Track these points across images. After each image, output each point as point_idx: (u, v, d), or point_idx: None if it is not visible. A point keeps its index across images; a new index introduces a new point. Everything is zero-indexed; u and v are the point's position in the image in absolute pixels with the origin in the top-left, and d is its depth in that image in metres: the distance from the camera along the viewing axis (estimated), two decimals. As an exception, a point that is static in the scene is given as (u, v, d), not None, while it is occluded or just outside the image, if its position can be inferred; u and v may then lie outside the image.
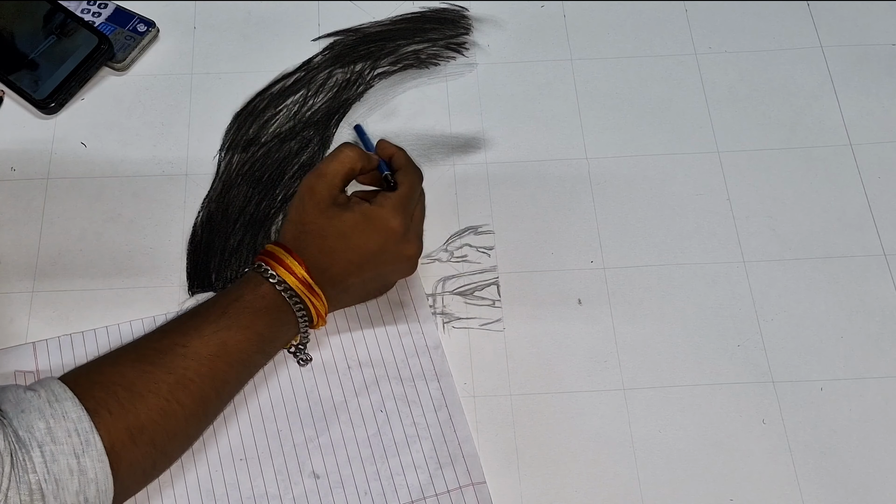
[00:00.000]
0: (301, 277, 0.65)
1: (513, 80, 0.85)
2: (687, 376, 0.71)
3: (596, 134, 0.82)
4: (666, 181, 0.80)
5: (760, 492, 0.67)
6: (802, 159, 0.81)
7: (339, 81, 0.85)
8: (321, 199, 0.66)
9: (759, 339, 0.73)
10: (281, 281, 0.65)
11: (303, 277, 0.65)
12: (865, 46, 0.87)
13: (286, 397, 0.69)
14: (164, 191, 0.79)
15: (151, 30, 0.85)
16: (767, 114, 0.84)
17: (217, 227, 0.77)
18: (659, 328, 0.73)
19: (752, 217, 0.78)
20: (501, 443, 0.69)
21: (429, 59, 0.86)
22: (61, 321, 0.72)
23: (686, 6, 0.90)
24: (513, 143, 0.82)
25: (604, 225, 0.78)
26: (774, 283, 0.75)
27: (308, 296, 0.65)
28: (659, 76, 0.86)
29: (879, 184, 0.80)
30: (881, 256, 0.77)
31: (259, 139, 0.81)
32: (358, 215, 0.66)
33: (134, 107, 0.83)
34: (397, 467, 0.67)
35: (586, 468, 0.68)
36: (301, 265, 0.65)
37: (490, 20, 0.88)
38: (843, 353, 0.73)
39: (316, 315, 0.67)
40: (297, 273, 0.65)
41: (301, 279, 0.65)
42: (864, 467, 0.68)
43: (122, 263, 0.75)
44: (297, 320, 0.66)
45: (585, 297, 0.74)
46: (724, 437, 0.69)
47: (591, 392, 0.71)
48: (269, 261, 0.66)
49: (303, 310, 0.66)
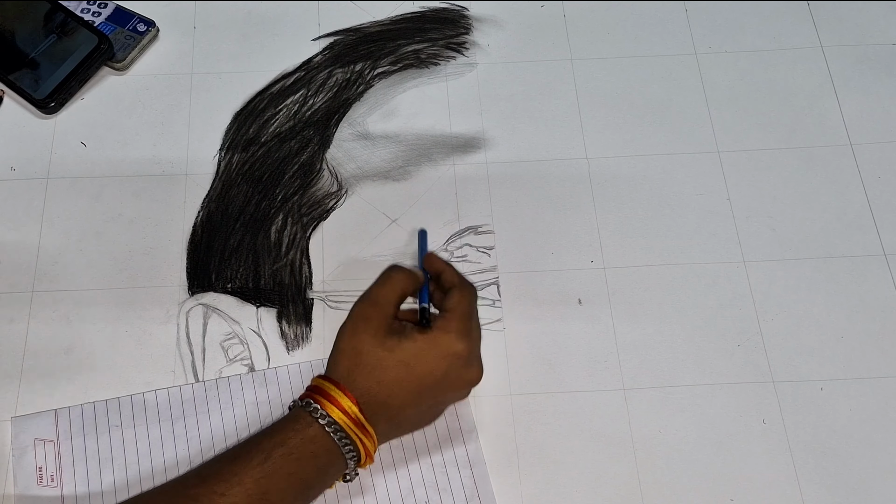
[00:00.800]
0: (353, 416, 0.60)
1: (513, 80, 0.85)
2: (687, 376, 0.71)
3: (596, 134, 0.82)
4: (666, 181, 0.80)
5: (760, 492, 0.67)
6: (802, 159, 0.81)
7: (339, 81, 0.85)
8: (377, 329, 0.62)
9: (759, 339, 0.73)
10: (332, 421, 0.60)
11: (355, 416, 0.60)
12: (865, 46, 0.87)
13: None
14: (164, 191, 0.79)
15: (151, 30, 0.85)
16: (767, 114, 0.84)
17: (217, 227, 0.77)
18: (659, 328, 0.73)
19: (752, 217, 0.78)
20: (501, 443, 0.69)
21: (429, 58, 0.86)
22: (61, 321, 0.72)
23: (686, 6, 0.90)
24: (513, 143, 0.82)
25: (604, 225, 0.78)
26: (774, 283, 0.76)
27: (359, 435, 0.60)
28: (659, 76, 0.86)
29: (879, 184, 0.80)
30: (881, 256, 0.77)
31: (259, 139, 0.81)
32: (421, 343, 0.62)
33: (134, 107, 0.83)
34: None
35: (586, 468, 0.68)
36: (353, 402, 0.60)
37: (490, 20, 0.88)
38: (843, 353, 0.73)
39: (364, 454, 0.61)
40: (349, 411, 0.60)
41: (353, 418, 0.60)
42: (864, 467, 0.68)
43: (122, 263, 0.75)
44: (345, 461, 0.61)
45: (585, 297, 0.74)
46: (724, 437, 0.69)
47: (591, 392, 0.71)
48: (317, 397, 0.61)
49: (352, 450, 0.60)
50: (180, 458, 0.67)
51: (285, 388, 0.70)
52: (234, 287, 0.75)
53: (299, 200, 0.79)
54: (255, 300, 0.74)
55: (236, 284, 0.75)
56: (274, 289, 0.75)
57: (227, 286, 0.75)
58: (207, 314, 0.73)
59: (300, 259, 0.76)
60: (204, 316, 0.73)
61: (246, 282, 0.75)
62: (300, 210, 0.78)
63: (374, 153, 0.81)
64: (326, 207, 0.78)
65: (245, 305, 0.74)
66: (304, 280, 0.75)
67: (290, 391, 0.70)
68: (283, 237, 0.77)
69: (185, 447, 0.67)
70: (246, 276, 0.75)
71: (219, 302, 0.74)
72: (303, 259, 0.76)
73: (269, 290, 0.74)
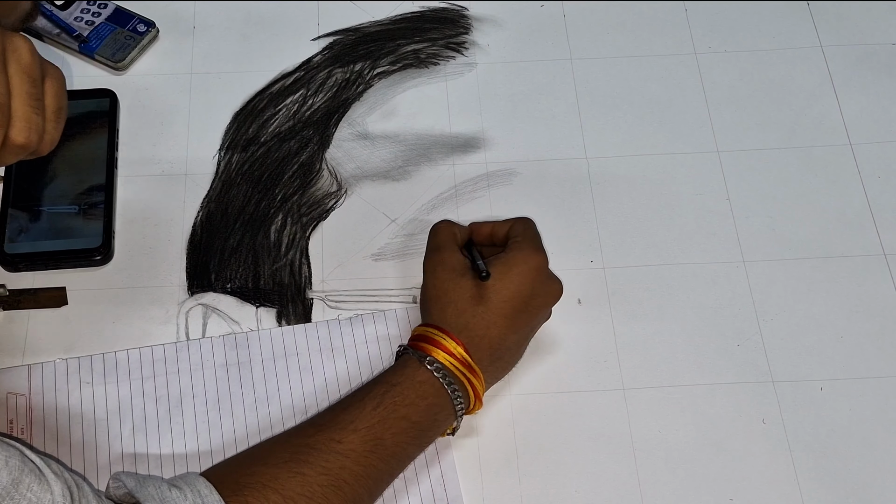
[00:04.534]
0: (459, 356, 0.62)
1: (512, 80, 0.85)
2: (687, 376, 0.71)
3: (596, 134, 0.82)
4: (666, 181, 0.80)
5: (760, 492, 0.67)
6: (802, 159, 0.81)
7: (339, 81, 0.85)
8: (454, 268, 0.64)
9: (759, 338, 0.73)
10: (440, 366, 0.62)
11: (461, 356, 0.62)
12: (865, 46, 0.87)
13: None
14: (164, 191, 0.79)
15: (151, 30, 0.85)
16: (767, 114, 0.84)
17: (217, 227, 0.77)
18: (659, 328, 0.73)
19: (752, 217, 0.78)
20: (501, 443, 0.69)
21: (428, 58, 0.86)
22: (61, 321, 0.72)
23: (686, 6, 0.89)
24: (512, 142, 0.82)
25: (604, 225, 0.78)
26: (774, 282, 0.75)
27: (466, 375, 0.62)
28: (659, 76, 0.86)
29: (879, 183, 0.80)
30: (881, 256, 0.77)
31: (258, 139, 0.81)
32: (500, 267, 0.64)
33: (134, 107, 0.83)
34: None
35: (586, 468, 0.68)
36: (458, 343, 0.62)
37: (490, 20, 0.88)
38: (843, 353, 0.73)
39: (474, 397, 0.63)
40: (454, 352, 0.62)
41: (460, 358, 0.62)
42: (864, 467, 0.68)
43: (122, 263, 0.75)
44: (453, 406, 0.62)
45: (585, 296, 0.74)
46: (724, 437, 0.69)
47: (590, 392, 0.71)
48: (422, 345, 0.63)
49: (460, 396, 0.62)
50: (148, 417, 0.68)
51: (255, 352, 0.71)
52: (234, 287, 0.75)
53: (299, 200, 0.79)
54: (254, 300, 0.74)
55: (236, 284, 0.75)
56: (273, 289, 0.74)
57: (226, 286, 0.75)
58: (207, 314, 0.73)
59: (300, 259, 0.76)
60: (203, 316, 0.73)
61: (245, 282, 0.75)
62: (300, 210, 0.78)
63: (373, 153, 0.81)
64: (326, 207, 0.78)
65: (245, 305, 0.74)
66: (303, 280, 0.75)
67: (260, 353, 0.71)
68: (283, 237, 0.77)
69: (154, 406, 0.69)
70: (245, 276, 0.75)
71: (218, 302, 0.74)
72: (302, 259, 0.76)
73: (268, 290, 0.74)
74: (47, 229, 0.75)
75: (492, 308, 0.63)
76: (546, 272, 0.65)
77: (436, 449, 0.67)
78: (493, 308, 0.63)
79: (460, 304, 0.64)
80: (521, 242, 0.65)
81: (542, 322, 0.68)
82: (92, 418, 0.68)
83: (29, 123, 0.51)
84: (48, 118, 0.53)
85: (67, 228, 0.75)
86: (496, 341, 0.63)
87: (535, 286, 0.64)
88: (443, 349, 0.62)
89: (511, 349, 0.66)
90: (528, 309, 0.65)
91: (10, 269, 0.74)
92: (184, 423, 0.68)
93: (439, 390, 0.62)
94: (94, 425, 0.68)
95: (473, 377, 0.63)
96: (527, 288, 0.64)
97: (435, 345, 0.62)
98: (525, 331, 0.66)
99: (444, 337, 0.63)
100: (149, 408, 0.69)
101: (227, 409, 0.69)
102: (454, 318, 0.63)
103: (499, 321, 0.63)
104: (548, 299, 0.66)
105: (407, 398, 0.61)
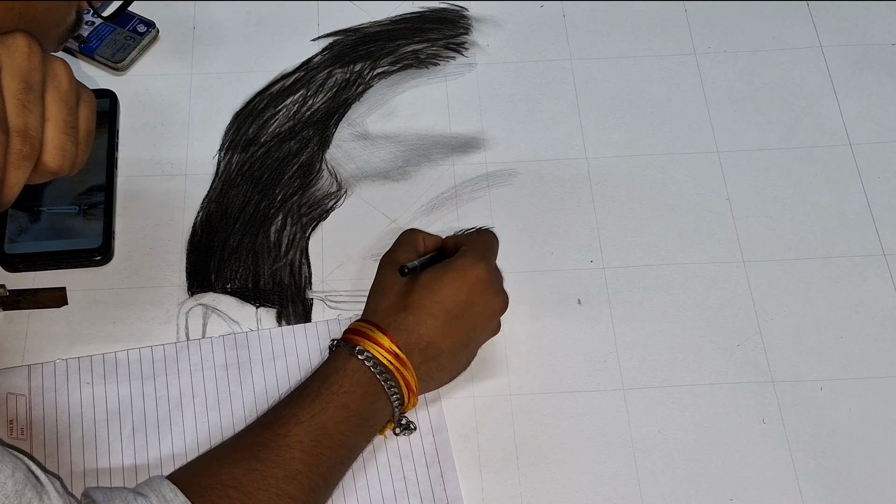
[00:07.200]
0: (389, 349, 0.63)
1: (512, 80, 0.85)
2: (687, 376, 0.71)
3: (596, 134, 0.82)
4: (666, 181, 0.80)
5: (760, 492, 0.67)
6: (802, 159, 0.81)
7: (339, 81, 0.85)
8: (400, 265, 0.66)
9: (759, 339, 0.73)
10: (369, 356, 0.63)
11: (390, 348, 0.63)
12: (865, 46, 0.87)
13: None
14: (164, 191, 0.79)
15: (151, 30, 0.85)
16: (767, 114, 0.84)
17: (216, 227, 0.77)
18: (659, 328, 0.73)
19: (752, 217, 0.78)
20: (501, 443, 0.69)
21: (428, 59, 0.86)
22: (61, 321, 0.72)
23: (686, 6, 0.90)
24: (512, 143, 0.82)
25: (604, 225, 0.78)
26: (774, 283, 0.75)
27: (397, 366, 0.63)
28: (659, 76, 0.86)
29: (879, 184, 0.80)
30: (881, 256, 0.77)
31: (258, 139, 0.81)
32: (440, 269, 0.65)
33: (134, 107, 0.83)
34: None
35: (586, 468, 0.68)
36: (388, 336, 0.64)
37: (489, 20, 0.88)
38: (843, 353, 0.73)
39: (406, 390, 0.64)
40: (383, 344, 0.64)
41: (389, 350, 0.63)
42: (864, 467, 0.68)
43: (122, 263, 0.75)
44: (388, 397, 0.64)
45: (585, 296, 0.74)
46: (724, 437, 0.69)
47: (590, 392, 0.71)
48: (353, 337, 0.64)
49: (394, 386, 0.64)
50: (148, 417, 0.68)
51: (255, 352, 0.71)
52: (234, 287, 0.75)
53: (299, 201, 0.79)
54: (254, 300, 0.74)
55: (236, 285, 0.75)
56: (273, 289, 0.75)
57: (226, 286, 0.75)
58: (207, 314, 0.73)
59: (300, 259, 0.76)
60: (203, 316, 0.73)
61: (245, 282, 0.75)
62: (300, 210, 0.78)
63: (373, 153, 0.81)
64: (326, 208, 0.78)
65: (245, 306, 0.74)
66: (303, 280, 0.75)
67: (260, 353, 0.71)
68: (283, 237, 0.77)
69: (154, 406, 0.69)
70: (245, 276, 0.75)
71: (218, 302, 0.74)
72: (302, 259, 0.76)
73: (268, 291, 0.74)
74: (47, 229, 0.75)
75: (422, 307, 0.64)
76: (487, 283, 0.66)
77: (436, 449, 0.67)
78: (423, 307, 0.64)
79: (393, 299, 0.65)
80: (466, 251, 0.67)
81: (485, 334, 0.69)
82: (92, 418, 0.68)
83: (63, 151, 0.52)
84: (79, 142, 0.53)
85: (67, 228, 0.75)
86: (426, 340, 0.64)
87: (473, 295, 0.65)
88: (372, 340, 0.64)
89: (446, 353, 0.66)
90: (464, 316, 0.65)
91: (10, 269, 0.74)
92: (184, 423, 0.68)
93: (372, 379, 0.63)
94: (94, 425, 0.68)
95: (404, 369, 0.64)
96: (462, 295, 0.65)
97: (364, 337, 0.64)
98: (462, 338, 0.66)
99: (373, 330, 0.64)
100: (149, 408, 0.69)
101: (227, 410, 0.69)
102: (385, 313, 0.65)
103: (427, 320, 0.64)
104: (486, 311, 0.66)
105: (342, 387, 0.62)
